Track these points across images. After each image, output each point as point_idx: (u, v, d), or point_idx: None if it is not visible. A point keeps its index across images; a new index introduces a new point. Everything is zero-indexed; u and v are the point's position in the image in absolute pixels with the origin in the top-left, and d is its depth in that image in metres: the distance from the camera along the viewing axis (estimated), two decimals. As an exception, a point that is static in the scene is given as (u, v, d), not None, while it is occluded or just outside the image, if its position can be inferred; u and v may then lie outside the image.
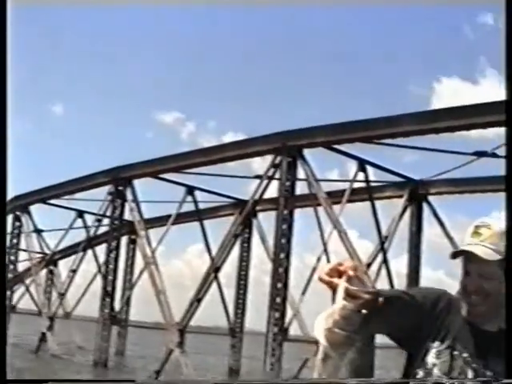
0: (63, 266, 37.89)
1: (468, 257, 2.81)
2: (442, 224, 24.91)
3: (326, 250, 23.97)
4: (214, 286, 27.69)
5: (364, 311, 2.40)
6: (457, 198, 26.01)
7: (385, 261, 24.36)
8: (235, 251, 28.93)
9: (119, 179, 28.00)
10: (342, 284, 2.42)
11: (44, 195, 33.44)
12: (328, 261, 20.08)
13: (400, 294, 2.82)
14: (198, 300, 24.78)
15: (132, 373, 28.25)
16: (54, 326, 33.06)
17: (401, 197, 25.36)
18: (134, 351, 40.45)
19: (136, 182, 28.37)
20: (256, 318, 30.67)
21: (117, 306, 30.76)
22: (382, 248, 24.37)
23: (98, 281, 33.87)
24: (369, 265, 24.34)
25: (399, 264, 27.26)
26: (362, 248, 21.11)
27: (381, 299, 2.52)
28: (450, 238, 24.39)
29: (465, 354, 2.81)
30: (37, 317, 35.41)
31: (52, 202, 34.63)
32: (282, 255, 21.24)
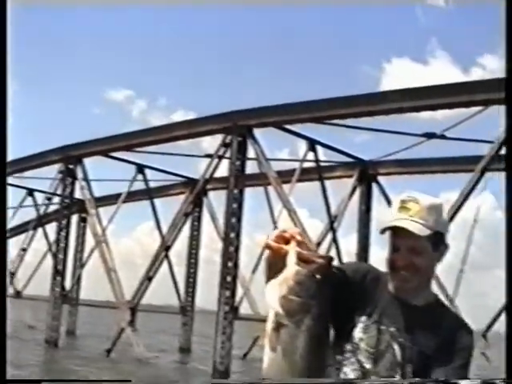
0: (13, 245, 37.51)
1: (397, 232, 2.83)
2: (390, 204, 25.21)
3: (275, 229, 24.13)
4: (165, 264, 27.81)
5: (318, 276, 2.33)
6: (406, 179, 26.37)
7: (334, 240, 24.58)
8: (186, 230, 29.05)
9: (69, 157, 27.81)
10: (292, 249, 2.36)
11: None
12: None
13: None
14: (148, 278, 24.84)
15: (83, 352, 28.20)
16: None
17: (350, 177, 25.59)
18: (85, 330, 40.35)
19: (86, 161, 28.29)
20: (207, 296, 30.81)
21: (67, 284, 30.66)
22: (332, 227, 24.59)
23: (49, 259, 33.75)
24: (319, 244, 24.58)
25: (349, 243, 27.52)
26: (311, 227, 21.34)
27: (333, 264, 2.48)
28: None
29: (392, 329, 2.84)
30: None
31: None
32: (233, 234, 21.33)
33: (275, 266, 2.43)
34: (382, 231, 2.89)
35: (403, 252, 2.82)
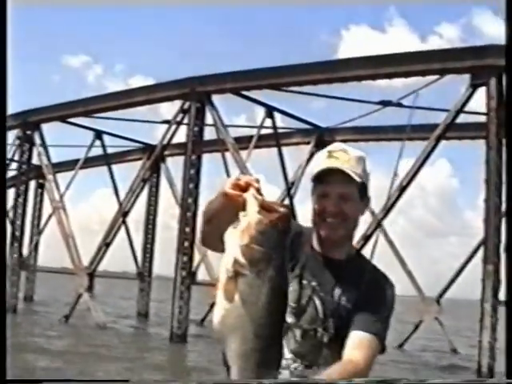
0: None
1: (327, 179, 2.86)
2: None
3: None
4: (123, 230, 27.84)
5: (281, 225, 2.26)
6: (362, 146, 26.62)
7: (291, 205, 24.78)
8: (143, 196, 29.08)
9: (27, 123, 27.63)
10: (252, 196, 2.31)
11: None
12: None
13: None
14: (106, 244, 24.88)
15: (42, 317, 28.25)
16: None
17: (308, 143, 25.79)
18: (43, 296, 40.36)
19: (44, 127, 28.13)
20: (164, 262, 30.95)
21: (25, 251, 30.60)
22: (289, 193, 24.81)
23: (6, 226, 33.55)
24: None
25: (306, 209, 27.80)
26: (268, 193, 21.42)
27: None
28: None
29: (313, 283, 2.88)
30: None
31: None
32: (190, 200, 21.40)
33: (227, 214, 2.40)
34: (316, 177, 2.90)
35: (333, 198, 2.87)
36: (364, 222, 18.35)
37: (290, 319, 2.80)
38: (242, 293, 2.21)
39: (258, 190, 2.34)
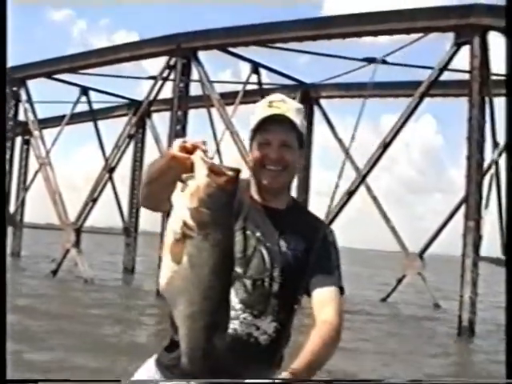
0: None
1: (268, 128, 2.86)
2: (331, 126, 25.67)
3: (218, 150, 24.53)
4: (109, 186, 27.95)
5: (229, 189, 2.27)
6: (346, 102, 26.80)
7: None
8: (129, 152, 29.13)
9: (13, 80, 27.54)
10: (200, 159, 2.29)
11: None
12: (221, 161, 20.51)
13: None
14: (92, 200, 25.01)
15: (30, 273, 28.45)
16: None
17: (293, 99, 25.84)
18: (29, 252, 40.56)
19: (30, 83, 28.13)
20: (150, 217, 31.12)
21: (11, 207, 30.72)
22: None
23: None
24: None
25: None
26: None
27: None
28: (339, 140, 25.20)
29: (257, 234, 2.88)
30: None
31: None
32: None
33: (171, 176, 2.39)
34: (257, 126, 2.88)
35: (275, 146, 2.86)
36: (348, 177, 18.50)
37: (238, 269, 2.81)
38: (190, 255, 2.21)
39: (206, 153, 2.33)
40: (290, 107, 2.89)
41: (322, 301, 2.85)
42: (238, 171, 2.30)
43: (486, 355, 14.54)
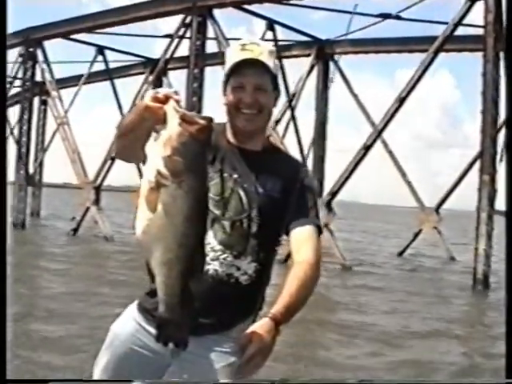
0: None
1: (242, 72, 2.87)
2: (347, 82, 25.71)
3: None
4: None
5: (202, 137, 2.31)
6: (361, 58, 26.83)
7: (293, 117, 25.04)
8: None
9: (29, 40, 27.73)
10: (172, 108, 2.32)
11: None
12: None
13: None
14: (111, 158, 25.18)
15: (50, 231, 28.79)
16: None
17: (308, 56, 25.96)
18: (49, 211, 40.93)
19: (47, 43, 28.23)
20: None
21: (30, 167, 30.97)
22: (290, 105, 25.06)
23: (8, 147, 33.90)
24: (278, 121, 25.15)
25: (307, 120, 27.97)
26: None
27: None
28: (355, 95, 25.28)
29: (234, 176, 2.91)
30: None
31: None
32: (194, 113, 21.67)
33: (145, 127, 2.44)
34: (232, 69, 2.89)
35: (249, 90, 2.87)
36: (365, 132, 18.66)
37: (216, 211, 2.87)
38: (164, 203, 2.26)
39: (178, 102, 2.35)
40: (263, 50, 2.90)
41: (299, 240, 2.91)
42: (210, 119, 2.35)
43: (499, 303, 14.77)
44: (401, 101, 19.63)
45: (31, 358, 7.98)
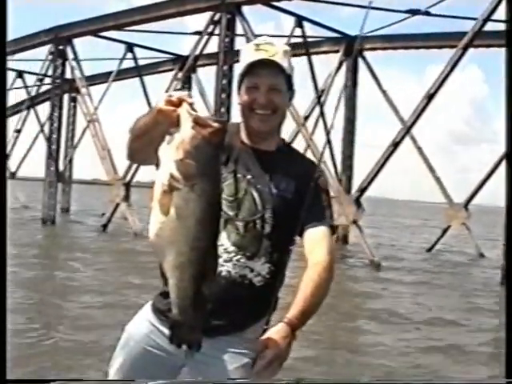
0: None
1: (256, 72, 2.87)
2: (376, 78, 25.68)
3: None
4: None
5: (214, 141, 2.28)
6: (390, 54, 26.81)
7: (322, 114, 25.05)
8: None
9: (59, 38, 27.96)
10: (185, 111, 2.30)
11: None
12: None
13: None
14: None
15: (81, 227, 29.02)
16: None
17: (337, 52, 25.96)
18: (78, 207, 41.23)
19: (76, 41, 28.41)
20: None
21: (60, 164, 31.20)
22: (319, 101, 25.07)
23: (38, 143, 34.33)
24: (306, 117, 25.20)
25: (336, 117, 27.94)
26: (299, 103, 21.65)
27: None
28: (384, 91, 25.24)
29: (248, 176, 2.90)
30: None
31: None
32: (223, 110, 21.76)
33: (159, 130, 2.41)
34: (246, 70, 2.89)
35: (263, 90, 2.87)
36: (393, 127, 18.58)
37: (230, 212, 2.87)
38: (177, 206, 2.26)
39: (192, 105, 2.32)
40: (278, 49, 2.89)
41: (313, 240, 2.90)
42: (223, 123, 2.38)
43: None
44: (429, 97, 19.59)
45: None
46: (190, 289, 2.34)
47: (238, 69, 2.94)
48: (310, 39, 25.50)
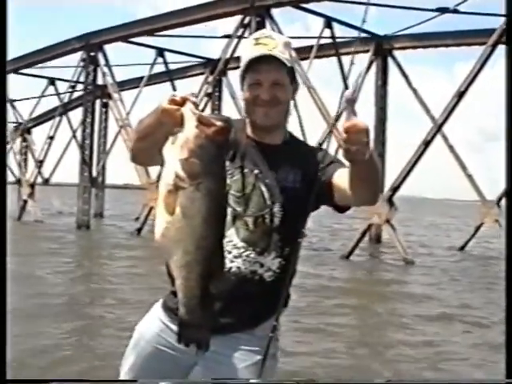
0: (36, 135, 37.82)
1: (257, 67, 2.83)
2: (406, 77, 25.66)
3: (295, 106, 24.79)
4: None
5: (219, 139, 2.26)
6: (420, 53, 26.79)
7: (353, 113, 24.99)
8: (207, 111, 29.48)
9: (90, 45, 28.27)
10: (189, 110, 2.29)
11: (16, 65, 33.53)
12: (298, 116, 20.77)
13: None
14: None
15: (115, 231, 29.24)
16: (35, 193, 33.73)
17: (367, 52, 26.00)
18: (111, 212, 41.53)
19: (107, 47, 28.79)
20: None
21: (93, 169, 31.47)
22: (349, 102, 25.05)
23: (71, 149, 34.65)
24: (337, 118, 25.22)
25: (366, 117, 27.96)
26: (329, 104, 21.64)
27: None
28: (414, 90, 25.23)
29: (255, 171, 2.89)
30: (16, 186, 35.97)
31: (23, 71, 34.57)
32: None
33: (163, 130, 2.37)
34: (247, 67, 2.86)
35: (266, 86, 2.84)
36: (424, 127, 18.66)
37: (238, 208, 2.86)
38: (182, 206, 2.24)
39: (195, 105, 2.32)
40: (278, 43, 2.86)
41: (345, 171, 2.74)
42: (227, 121, 2.37)
43: None
44: (460, 95, 19.62)
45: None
46: (196, 288, 2.33)
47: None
48: (338, 40, 25.54)
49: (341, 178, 2.79)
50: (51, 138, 32.96)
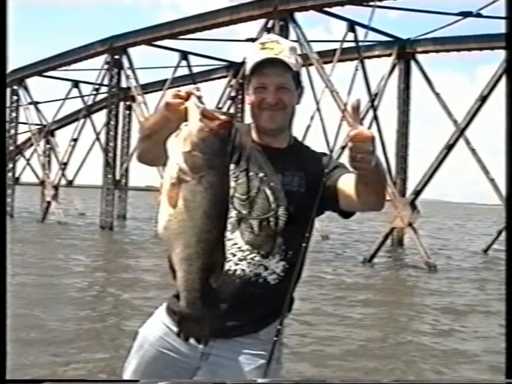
0: (61, 136, 38.13)
1: (263, 71, 2.84)
2: (428, 81, 25.66)
3: (318, 110, 24.82)
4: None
5: (222, 133, 2.26)
6: (443, 56, 26.80)
7: (375, 117, 25.05)
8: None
9: (115, 48, 28.50)
10: (193, 104, 2.30)
11: (40, 68, 33.77)
12: (321, 119, 20.87)
13: None
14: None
15: (137, 232, 29.41)
16: (58, 194, 34.04)
17: (389, 55, 26.03)
18: (134, 214, 41.73)
19: (131, 50, 29.01)
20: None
21: (117, 172, 31.69)
22: (372, 105, 25.11)
23: (95, 151, 34.88)
24: (360, 122, 25.22)
25: (389, 120, 27.98)
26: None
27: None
28: (437, 94, 25.21)
29: (260, 174, 2.90)
30: (40, 187, 36.20)
31: (48, 74, 34.86)
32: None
33: (168, 128, 2.38)
34: (251, 70, 2.87)
35: (271, 90, 2.84)
36: (447, 131, 18.65)
37: (243, 211, 2.87)
38: (185, 199, 2.24)
39: (199, 99, 2.32)
40: (284, 47, 2.87)
41: (350, 176, 2.74)
42: (231, 115, 2.33)
43: None
44: (483, 99, 19.64)
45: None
46: (197, 281, 2.32)
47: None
48: (361, 43, 25.54)
49: (346, 183, 2.81)
50: (75, 140, 33.18)
